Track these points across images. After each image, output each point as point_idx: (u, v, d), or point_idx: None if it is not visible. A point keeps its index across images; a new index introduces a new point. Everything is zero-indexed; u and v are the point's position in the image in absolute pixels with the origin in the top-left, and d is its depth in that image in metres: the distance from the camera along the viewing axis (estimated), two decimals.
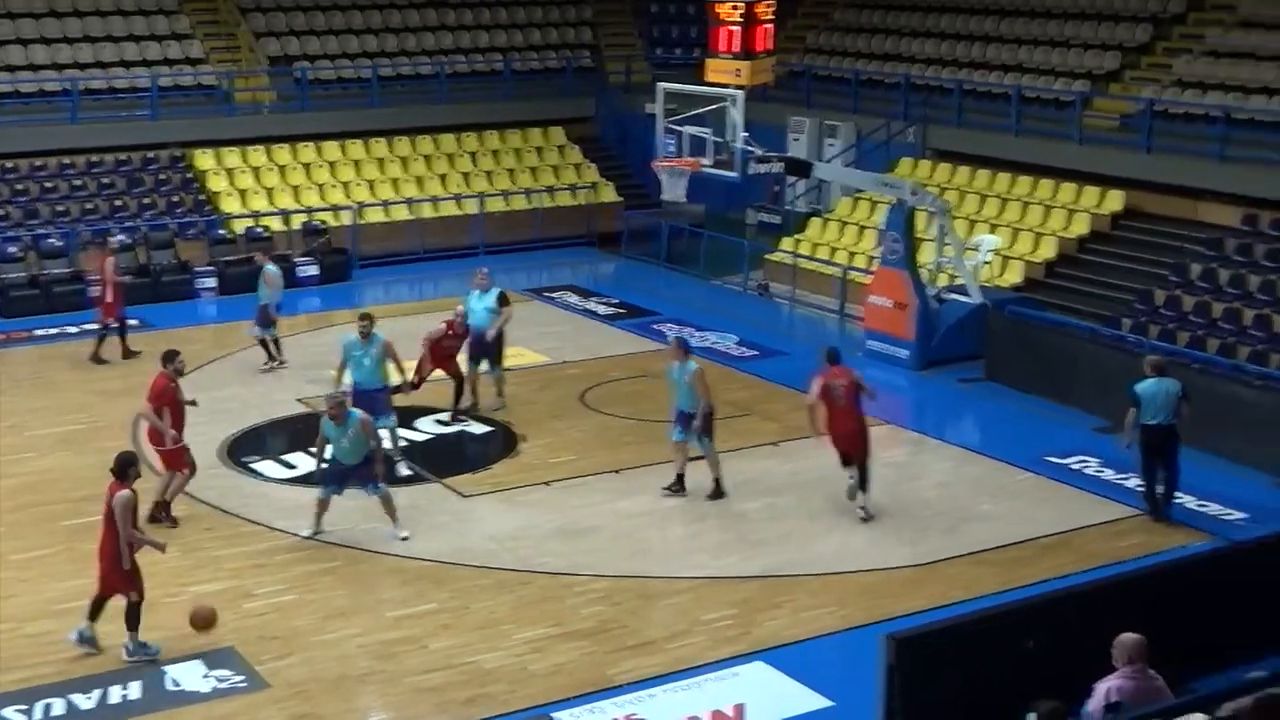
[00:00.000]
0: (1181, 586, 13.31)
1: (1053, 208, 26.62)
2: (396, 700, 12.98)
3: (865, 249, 27.27)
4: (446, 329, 19.77)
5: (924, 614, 14.07)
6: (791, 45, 34.33)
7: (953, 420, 21.25)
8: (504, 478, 18.13)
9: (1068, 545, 16.18)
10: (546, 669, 13.42)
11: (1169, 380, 16.77)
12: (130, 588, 13.47)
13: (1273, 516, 16.67)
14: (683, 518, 16.98)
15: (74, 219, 28.27)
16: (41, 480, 17.94)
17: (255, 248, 26.37)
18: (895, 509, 17.29)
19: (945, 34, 32.19)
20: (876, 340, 23.19)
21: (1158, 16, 29.09)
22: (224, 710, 12.73)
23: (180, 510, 16.87)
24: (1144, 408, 16.58)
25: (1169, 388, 16.66)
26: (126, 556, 13.39)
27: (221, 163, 30.38)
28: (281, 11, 33.70)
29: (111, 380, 21.96)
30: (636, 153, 33.60)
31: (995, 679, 11.90)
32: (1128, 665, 10.31)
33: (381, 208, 30.28)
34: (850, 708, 12.65)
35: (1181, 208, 25.28)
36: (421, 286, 28.17)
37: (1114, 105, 27.94)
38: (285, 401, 20.90)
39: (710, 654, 13.66)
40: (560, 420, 20.08)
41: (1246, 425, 18.64)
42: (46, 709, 12.66)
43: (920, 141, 29.58)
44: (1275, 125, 24.81)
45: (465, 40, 34.97)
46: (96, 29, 31.74)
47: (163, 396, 16.44)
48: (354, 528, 16.33)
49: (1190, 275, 23.49)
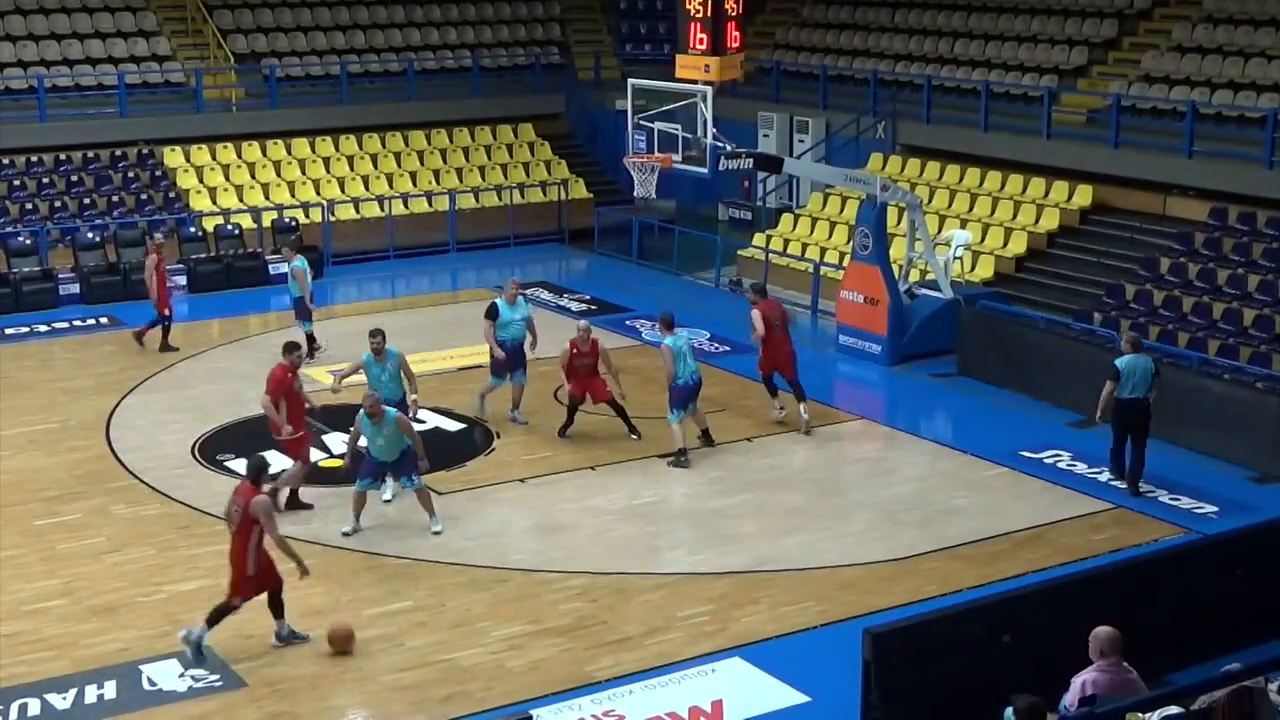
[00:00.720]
0: (1156, 580, 13.42)
1: (1022, 203, 26.74)
2: (373, 698, 12.96)
3: (837, 244, 27.34)
4: (571, 349, 18.97)
5: (901, 609, 14.11)
6: (761, 41, 34.39)
7: (926, 415, 21.31)
8: (479, 475, 18.11)
9: (1042, 539, 16.25)
10: (524, 666, 13.42)
11: (1144, 356, 17.44)
12: (265, 586, 13.56)
13: (1244, 510, 16.84)
14: (659, 514, 17.00)
15: (43, 217, 28.11)
16: (11, 480, 17.83)
17: (283, 241, 26.34)
18: (870, 504, 17.36)
19: (914, 30, 32.28)
20: (849, 335, 23.25)
21: (1125, 12, 29.23)
22: (200, 709, 12.69)
23: (154, 509, 16.84)
24: (1123, 382, 17.18)
25: (1145, 364, 17.34)
26: (253, 560, 13.34)
27: (191, 160, 30.26)
28: (248, 8, 33.54)
29: (81, 379, 21.86)
30: (607, 149, 33.68)
31: (973, 673, 11.99)
32: (1102, 659, 10.37)
33: (352, 205, 30.19)
34: (828, 703, 12.70)
35: (1150, 203, 25.43)
36: (394, 284, 28.10)
37: (1082, 100, 28.07)
38: (258, 400, 20.76)
39: (688, 650, 13.68)
40: (534, 417, 20.05)
41: (1217, 419, 18.77)
42: (22, 709, 12.60)
43: (890, 137, 29.67)
44: (1242, 120, 24.98)
45: (434, 37, 34.89)
46: (63, 26, 31.55)
47: (280, 387, 16.52)
48: (327, 526, 16.32)
49: (1160, 270, 23.63)
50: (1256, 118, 24.39)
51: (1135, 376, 17.21)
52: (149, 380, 21.81)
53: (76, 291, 26.33)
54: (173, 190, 29.58)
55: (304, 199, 30.03)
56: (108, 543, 16.01)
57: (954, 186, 27.93)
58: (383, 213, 30.14)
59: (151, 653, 13.55)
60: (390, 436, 15.78)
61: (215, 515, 16.71)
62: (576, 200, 32.19)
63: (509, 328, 19.61)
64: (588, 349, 18.93)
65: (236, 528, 13.34)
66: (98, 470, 18.20)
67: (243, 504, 13.28)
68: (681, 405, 18.35)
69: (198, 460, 18.57)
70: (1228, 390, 19.16)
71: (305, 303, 22.55)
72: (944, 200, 27.64)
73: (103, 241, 27.37)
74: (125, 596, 14.73)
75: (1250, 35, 26.77)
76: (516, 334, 19.68)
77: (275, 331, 24.59)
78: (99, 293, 26.29)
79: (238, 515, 13.31)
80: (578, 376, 19.00)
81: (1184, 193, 24.95)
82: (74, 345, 23.89)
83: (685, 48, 24.08)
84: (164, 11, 32.84)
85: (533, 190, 32.01)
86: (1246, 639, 12.94)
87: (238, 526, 13.33)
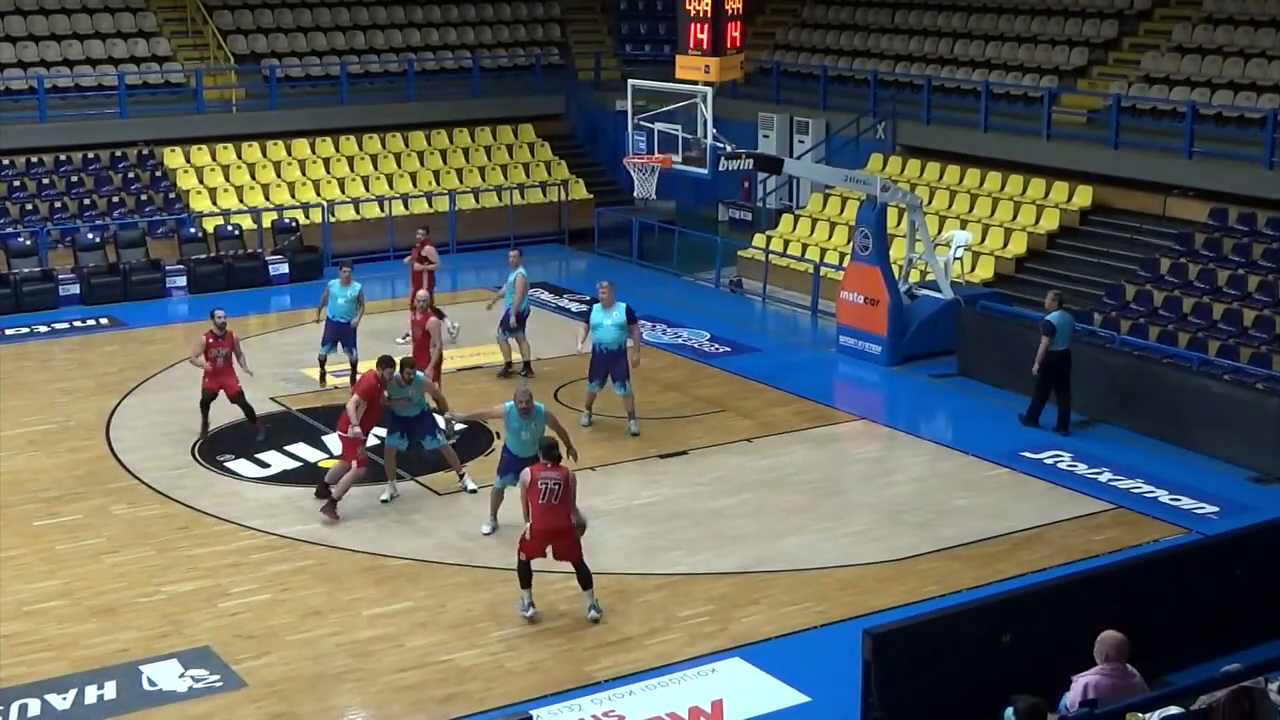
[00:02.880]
0: (1156, 580, 13.42)
1: (1022, 203, 26.74)
2: (373, 699, 12.96)
3: (837, 245, 27.33)
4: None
5: (900, 609, 14.10)
6: (761, 42, 34.39)
7: (926, 416, 21.31)
8: (479, 476, 18.06)
9: (1042, 540, 16.24)
10: (524, 666, 13.41)
11: (1066, 312, 19.72)
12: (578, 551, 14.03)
13: (1244, 510, 16.83)
14: (658, 514, 16.98)
15: (43, 218, 28.11)
16: (11, 481, 17.82)
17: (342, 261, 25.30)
18: (870, 505, 17.35)
19: (914, 30, 32.28)
20: (849, 336, 23.23)
21: (1125, 13, 29.24)
22: (200, 710, 12.68)
23: (154, 510, 16.85)
24: (1058, 335, 19.24)
25: (1069, 318, 19.67)
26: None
27: (191, 161, 30.26)
28: (248, 9, 33.53)
29: (81, 380, 21.85)
30: (607, 149, 33.69)
31: (972, 673, 11.98)
32: (1107, 663, 10.36)
33: (352, 206, 30.19)
34: (828, 703, 12.69)
35: (1150, 203, 25.43)
36: (394, 285, 28.08)
37: (1082, 101, 28.07)
38: (259, 400, 20.79)
39: (688, 650, 13.67)
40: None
41: (1218, 419, 18.76)
42: (22, 710, 12.59)
43: (890, 138, 29.67)
44: (1242, 120, 24.98)
45: (434, 38, 34.89)
46: (63, 27, 31.53)
47: (369, 392, 16.66)
48: (327, 526, 16.32)
49: (1160, 270, 23.62)
50: (1256, 118, 24.39)
51: (1066, 330, 19.35)
52: (149, 381, 21.80)
53: (76, 292, 26.31)
54: (173, 191, 29.58)
55: (304, 200, 30.03)
56: (107, 543, 16.00)
57: (954, 187, 27.92)
58: (383, 213, 30.14)
59: (151, 653, 13.54)
60: (536, 431, 15.70)
61: (215, 516, 16.81)
62: (577, 201, 32.18)
63: (599, 331, 19.17)
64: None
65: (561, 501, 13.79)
66: (97, 471, 18.19)
67: (565, 480, 13.82)
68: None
69: (198, 461, 18.55)
70: (1228, 391, 19.15)
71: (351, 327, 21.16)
72: (944, 201, 27.64)
73: (103, 242, 27.36)
74: (125, 597, 14.72)
75: (1250, 35, 26.78)
76: (605, 339, 19.11)
77: (275, 332, 24.62)
78: (99, 293, 26.28)
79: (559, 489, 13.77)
80: None
81: (1184, 193, 24.95)
82: (74, 346, 23.88)
83: (685, 48, 24.04)
84: (164, 12, 32.83)
85: (533, 191, 32.01)
86: (1246, 639, 12.94)
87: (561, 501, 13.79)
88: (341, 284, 20.97)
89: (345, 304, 20.87)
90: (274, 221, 28.82)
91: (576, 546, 14.03)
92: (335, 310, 20.91)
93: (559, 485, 13.81)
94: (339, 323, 20.93)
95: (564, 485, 13.82)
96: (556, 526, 13.84)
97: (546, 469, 13.93)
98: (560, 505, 13.83)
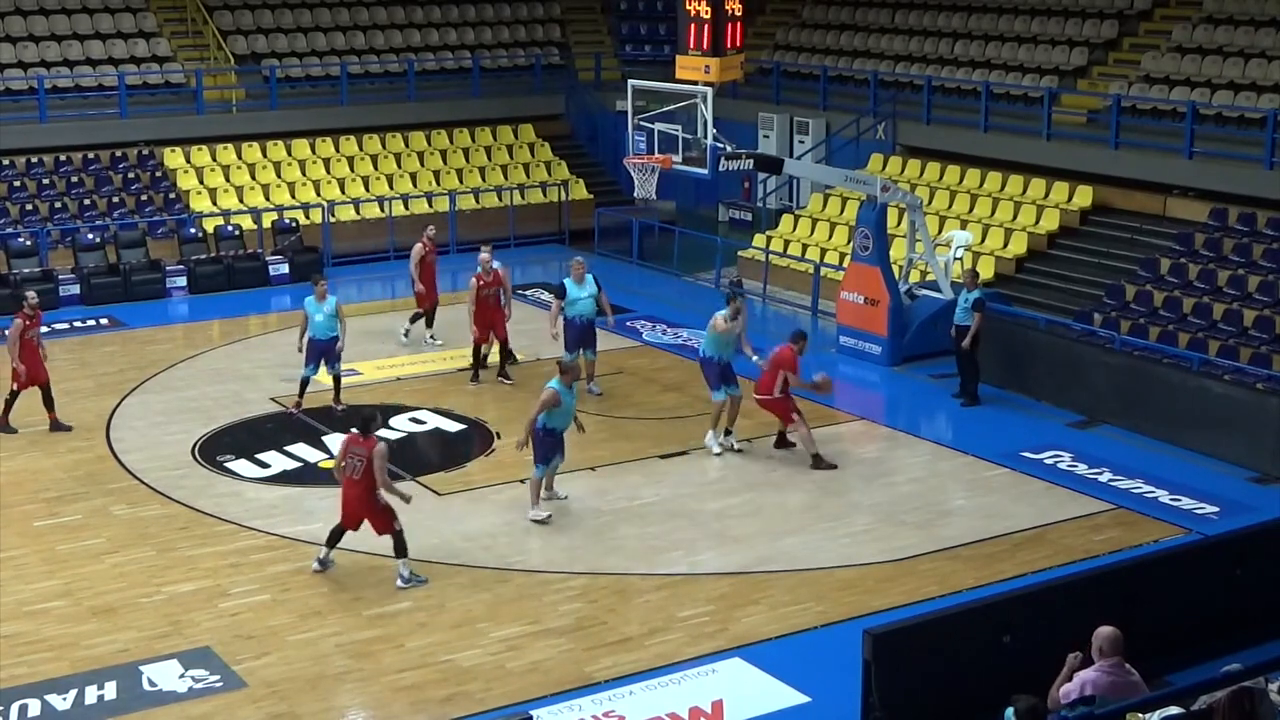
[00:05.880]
0: (1156, 580, 13.42)
1: (1023, 203, 26.73)
2: (373, 699, 12.96)
3: (837, 245, 27.33)
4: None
5: (900, 609, 14.11)
6: (761, 42, 34.39)
7: (926, 416, 21.30)
8: (479, 475, 18.10)
9: (1042, 540, 16.24)
10: (524, 667, 13.41)
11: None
12: (389, 525, 14.80)
13: (1244, 510, 16.83)
14: (658, 514, 16.98)
15: (43, 218, 28.11)
16: (11, 481, 17.82)
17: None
18: (870, 505, 17.35)
19: (914, 30, 32.28)
20: (850, 336, 23.24)
21: (1125, 13, 29.23)
22: (200, 710, 12.69)
23: (154, 510, 16.86)
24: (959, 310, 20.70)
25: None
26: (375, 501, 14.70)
27: (191, 161, 30.26)
28: (248, 9, 33.53)
29: (81, 380, 21.83)
30: (607, 150, 33.67)
31: (972, 674, 11.99)
32: (1103, 659, 10.37)
33: (352, 206, 30.19)
34: (828, 703, 12.70)
35: (1150, 203, 25.43)
36: (394, 284, 28.06)
37: (1082, 101, 28.07)
38: (258, 400, 20.83)
39: (688, 650, 13.68)
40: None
41: (1218, 419, 18.77)
42: (22, 710, 12.60)
43: (890, 138, 29.67)
44: (1242, 121, 24.98)
45: (434, 38, 34.88)
46: (63, 27, 31.53)
47: (791, 366, 18.26)
48: (327, 526, 16.32)
49: (1160, 270, 23.62)
50: (1256, 118, 24.39)
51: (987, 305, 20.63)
52: (149, 381, 21.80)
53: (76, 292, 26.32)
54: (173, 191, 29.57)
55: (304, 200, 30.03)
56: (107, 544, 16.01)
57: (954, 187, 27.92)
58: (383, 213, 30.13)
59: (151, 653, 13.55)
60: (575, 392, 16.71)
61: (215, 516, 16.80)
62: (577, 201, 32.18)
63: (576, 305, 20.83)
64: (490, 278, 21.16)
65: (359, 476, 14.59)
66: (97, 471, 18.19)
67: (365, 454, 14.53)
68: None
69: (198, 461, 18.56)
70: (1228, 391, 19.15)
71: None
72: (944, 201, 27.64)
73: (103, 242, 27.36)
74: (125, 597, 14.72)
75: (1250, 36, 26.78)
76: (584, 310, 20.86)
77: (275, 332, 24.61)
78: (99, 294, 26.28)
79: (360, 465, 14.55)
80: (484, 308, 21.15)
81: (1184, 193, 24.95)
82: (74, 346, 23.86)
83: (685, 48, 24.03)
84: (164, 12, 32.82)
85: (533, 191, 32.01)
86: (1246, 639, 12.94)
87: (360, 475, 14.58)
88: (316, 300, 20.07)
89: (324, 320, 19.99)
90: (274, 222, 28.82)
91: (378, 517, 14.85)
92: (315, 329, 20.02)
93: (361, 461, 14.61)
94: (322, 341, 20.04)
95: (366, 461, 14.60)
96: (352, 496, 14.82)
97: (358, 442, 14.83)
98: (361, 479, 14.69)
